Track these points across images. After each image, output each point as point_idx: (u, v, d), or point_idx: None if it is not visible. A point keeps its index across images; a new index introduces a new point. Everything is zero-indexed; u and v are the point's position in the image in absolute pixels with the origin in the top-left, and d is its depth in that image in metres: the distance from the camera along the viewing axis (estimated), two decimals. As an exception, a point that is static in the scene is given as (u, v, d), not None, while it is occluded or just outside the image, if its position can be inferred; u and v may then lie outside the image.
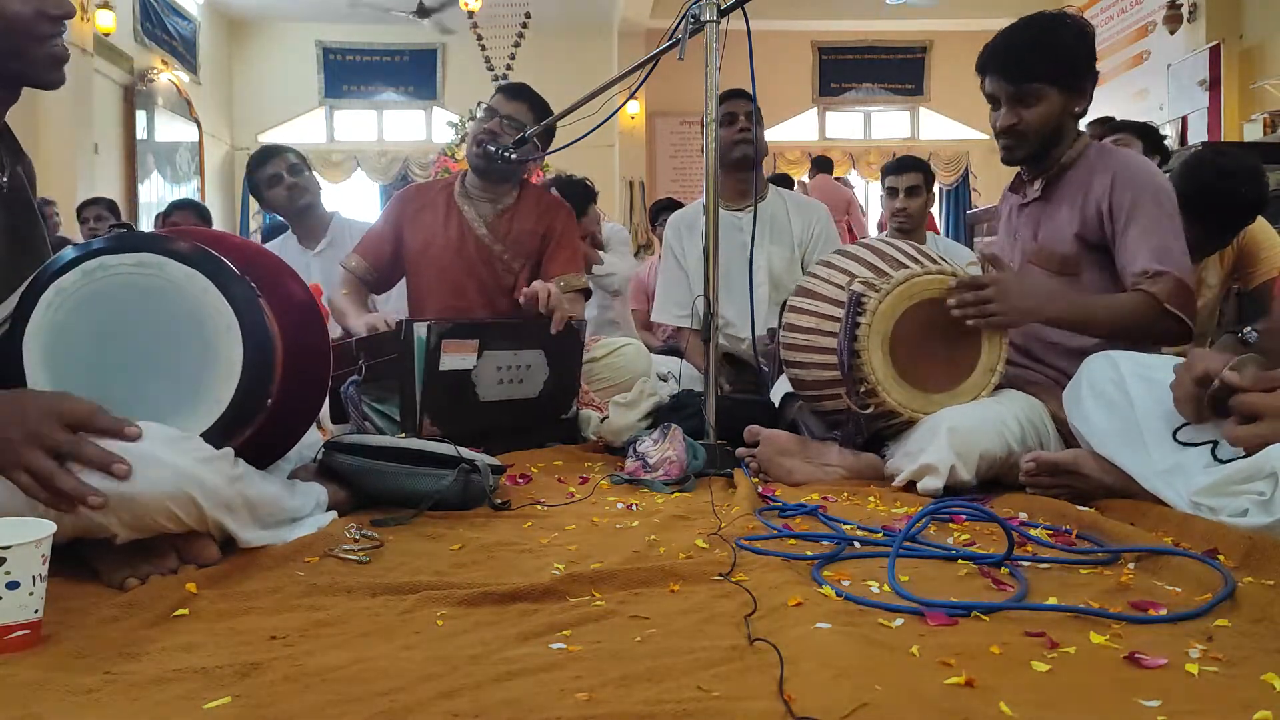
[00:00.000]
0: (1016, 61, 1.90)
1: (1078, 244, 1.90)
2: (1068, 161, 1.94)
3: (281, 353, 1.29)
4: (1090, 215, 1.87)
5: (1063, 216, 1.93)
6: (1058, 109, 1.89)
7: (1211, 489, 1.31)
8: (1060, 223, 1.93)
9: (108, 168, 7.88)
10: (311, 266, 3.12)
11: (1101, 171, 1.88)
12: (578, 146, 2.47)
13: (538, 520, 1.53)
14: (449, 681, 0.81)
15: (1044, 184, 1.98)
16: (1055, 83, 1.88)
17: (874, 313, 1.79)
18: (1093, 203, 1.87)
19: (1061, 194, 1.94)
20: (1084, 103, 1.92)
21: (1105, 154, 1.93)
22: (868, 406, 1.82)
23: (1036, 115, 1.90)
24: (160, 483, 1.09)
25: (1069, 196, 1.92)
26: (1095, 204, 1.86)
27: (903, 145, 10.56)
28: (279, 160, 3.14)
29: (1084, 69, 1.91)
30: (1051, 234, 1.95)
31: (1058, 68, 1.88)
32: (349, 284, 2.60)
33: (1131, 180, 1.84)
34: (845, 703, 0.73)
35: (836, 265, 1.95)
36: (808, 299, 1.95)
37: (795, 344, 1.95)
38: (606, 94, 2.36)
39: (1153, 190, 1.83)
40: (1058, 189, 1.96)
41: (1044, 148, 1.94)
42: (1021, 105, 1.90)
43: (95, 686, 0.81)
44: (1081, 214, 1.89)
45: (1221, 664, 0.84)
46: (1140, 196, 1.82)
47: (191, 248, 1.25)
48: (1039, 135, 1.91)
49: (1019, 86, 1.89)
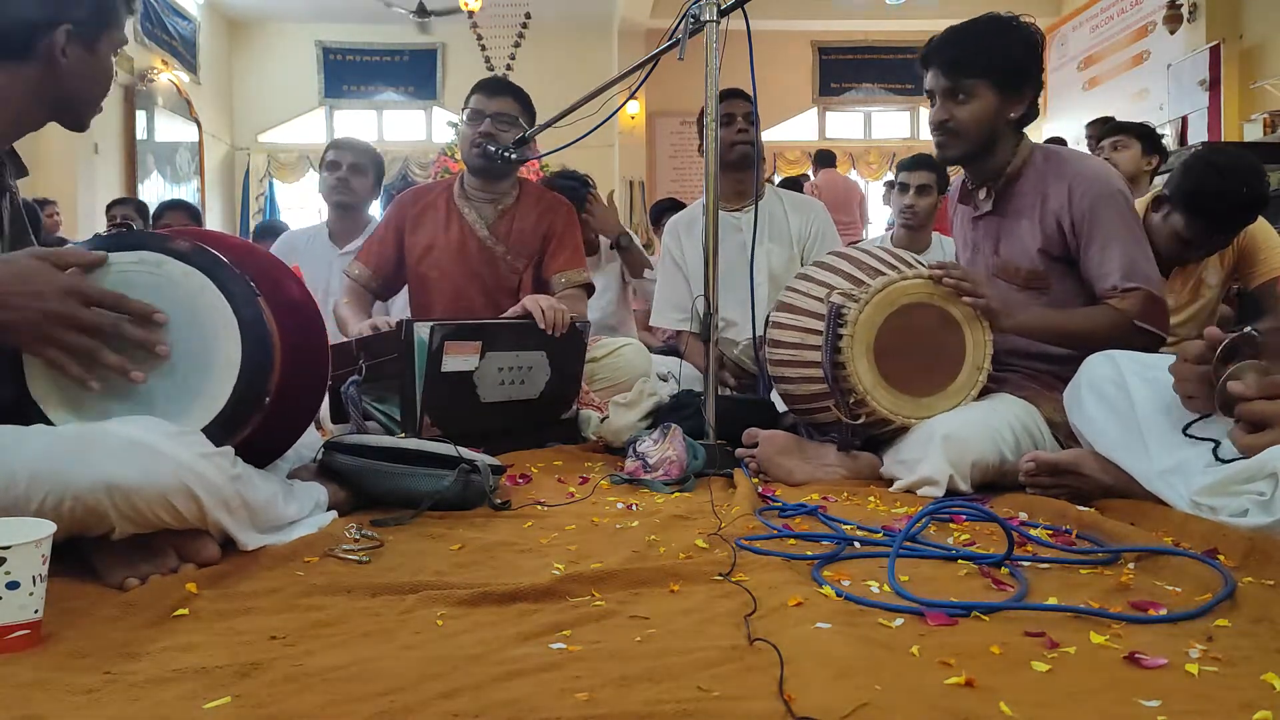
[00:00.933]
0: (954, 56, 1.90)
1: (1043, 259, 1.90)
2: (1013, 171, 1.93)
3: (280, 351, 1.29)
4: (1051, 229, 1.87)
5: (1023, 231, 1.91)
6: (991, 109, 1.88)
7: (1212, 489, 1.31)
8: (1021, 237, 1.92)
9: (108, 168, 7.88)
10: (335, 265, 3.11)
11: (1056, 180, 1.87)
12: (578, 147, 2.47)
13: (538, 520, 1.53)
14: (449, 681, 0.81)
15: (993, 195, 1.96)
16: (991, 81, 1.86)
17: (855, 323, 1.79)
18: (1051, 215, 1.86)
19: (1017, 206, 1.93)
20: (1020, 108, 1.90)
21: (1055, 160, 1.91)
22: (859, 416, 1.82)
23: (968, 113, 1.88)
24: (159, 474, 1.09)
25: (1025, 209, 1.91)
26: (1054, 217, 1.86)
27: (903, 145, 10.56)
28: (346, 152, 3.16)
29: (1023, 73, 1.89)
30: (1014, 249, 1.94)
31: (994, 67, 1.87)
32: (352, 292, 2.59)
33: (1089, 189, 1.83)
34: (845, 703, 0.73)
35: (814, 278, 1.94)
36: (789, 314, 1.95)
37: (781, 359, 1.95)
38: (606, 94, 2.36)
39: (1109, 199, 1.82)
40: (1010, 200, 1.94)
41: (977, 149, 1.92)
42: (954, 101, 1.89)
43: (95, 686, 0.81)
44: (1042, 228, 1.88)
45: (1221, 664, 0.84)
46: (1099, 206, 1.82)
47: (190, 246, 1.25)
48: (970, 134, 1.90)
49: (954, 81, 1.89)
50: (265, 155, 10.72)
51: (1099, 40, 9.30)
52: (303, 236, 3.33)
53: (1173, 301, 2.61)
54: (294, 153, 10.78)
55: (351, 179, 3.14)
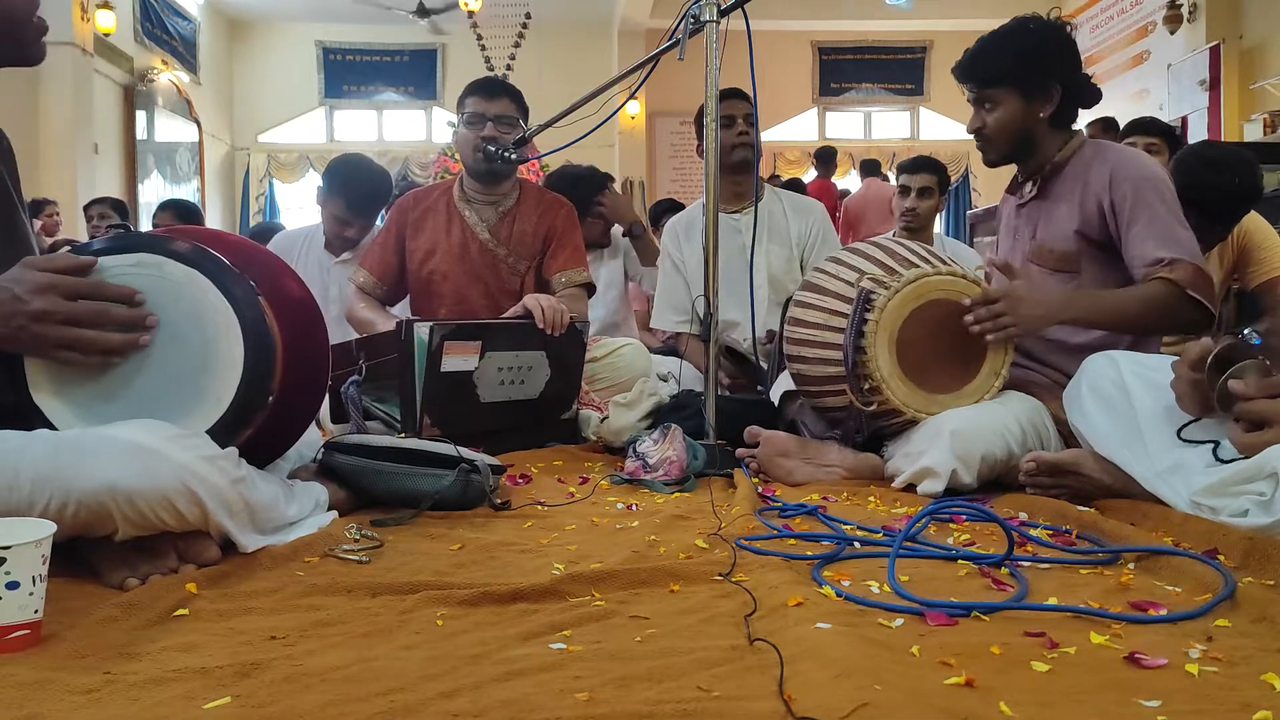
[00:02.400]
0: (977, 67, 1.96)
1: (1078, 240, 1.90)
2: (1061, 160, 1.95)
3: (281, 351, 1.29)
4: (1091, 211, 1.87)
5: (1062, 213, 1.93)
6: (1019, 113, 1.93)
7: (1212, 489, 1.31)
8: (1059, 219, 1.93)
9: (108, 168, 7.88)
10: (332, 273, 3.05)
11: (1099, 166, 1.88)
12: (577, 147, 2.47)
13: (538, 520, 1.52)
14: (449, 681, 0.81)
15: (1038, 183, 1.99)
16: (1014, 87, 1.92)
17: (882, 310, 1.79)
18: (1092, 198, 1.87)
19: (1059, 191, 1.95)
20: (1049, 106, 1.92)
21: (1101, 149, 1.94)
22: (871, 404, 1.82)
23: (996, 119, 1.95)
24: (162, 477, 1.09)
25: (1067, 193, 1.93)
26: (1095, 199, 1.87)
27: (903, 145, 10.57)
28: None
29: (1046, 72, 1.92)
30: (1051, 231, 1.95)
31: (1015, 72, 1.92)
32: (362, 298, 2.59)
33: (1130, 174, 1.84)
34: (845, 703, 0.73)
35: (846, 262, 1.94)
36: (815, 294, 1.95)
37: (800, 339, 1.94)
38: (606, 94, 2.36)
39: (1153, 182, 1.84)
40: (1054, 186, 1.96)
41: (1013, 151, 1.97)
42: (984, 110, 1.96)
43: (95, 686, 0.81)
44: (1081, 210, 1.89)
45: (1221, 664, 0.84)
46: (1141, 189, 1.82)
47: (190, 248, 1.25)
48: (1002, 138, 1.96)
49: (980, 91, 1.96)
50: (265, 155, 10.73)
51: (1099, 40, 9.31)
52: (298, 240, 3.20)
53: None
54: (294, 153, 10.79)
55: (358, 234, 3.02)
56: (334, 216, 2.99)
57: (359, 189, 2.94)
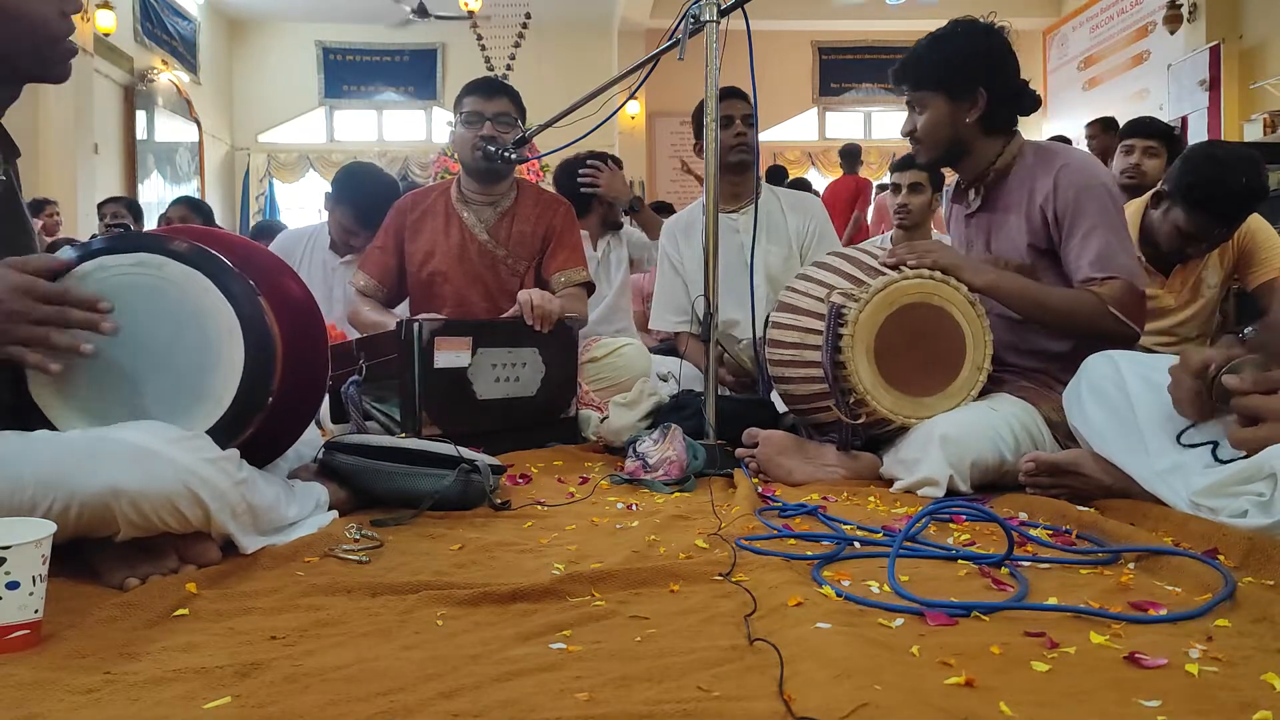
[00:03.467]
0: (907, 70, 1.99)
1: (1031, 253, 1.91)
2: (1002, 167, 1.95)
3: (281, 351, 1.29)
4: (1037, 222, 1.88)
5: (1012, 226, 1.94)
6: (945, 116, 1.94)
7: (1211, 490, 1.31)
8: (1011, 232, 1.94)
9: (108, 168, 7.89)
10: (337, 273, 3.06)
11: (1043, 174, 1.88)
12: (577, 147, 2.47)
13: (538, 520, 1.53)
14: (449, 681, 0.81)
15: (982, 192, 1.99)
16: (938, 90, 1.94)
17: (855, 323, 1.79)
18: (1037, 208, 1.88)
19: (1006, 202, 1.95)
20: (975, 111, 1.92)
21: (1044, 154, 1.93)
22: (859, 416, 1.82)
23: (924, 122, 1.97)
24: (166, 479, 1.09)
25: (1014, 204, 1.93)
26: (1040, 209, 1.87)
27: (903, 145, 10.51)
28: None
29: (970, 74, 1.91)
30: (1004, 244, 1.96)
31: (938, 74, 1.93)
32: (365, 300, 2.59)
33: (1073, 181, 1.84)
34: (845, 703, 0.73)
35: (814, 278, 1.95)
36: (789, 314, 1.95)
37: (781, 359, 1.95)
38: (606, 94, 2.35)
39: (1094, 191, 1.83)
40: (1000, 196, 1.97)
41: (944, 154, 1.99)
42: (915, 112, 1.99)
43: (95, 686, 0.81)
44: (1028, 222, 1.90)
45: (1221, 664, 0.84)
46: (1082, 197, 1.82)
47: (190, 247, 1.25)
48: (930, 141, 1.98)
49: (910, 94, 1.99)
50: (265, 155, 10.73)
51: (1099, 40, 9.31)
52: (302, 239, 3.19)
53: (1173, 301, 2.61)
54: (294, 153, 10.79)
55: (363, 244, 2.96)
56: (340, 224, 2.99)
57: (367, 199, 2.92)
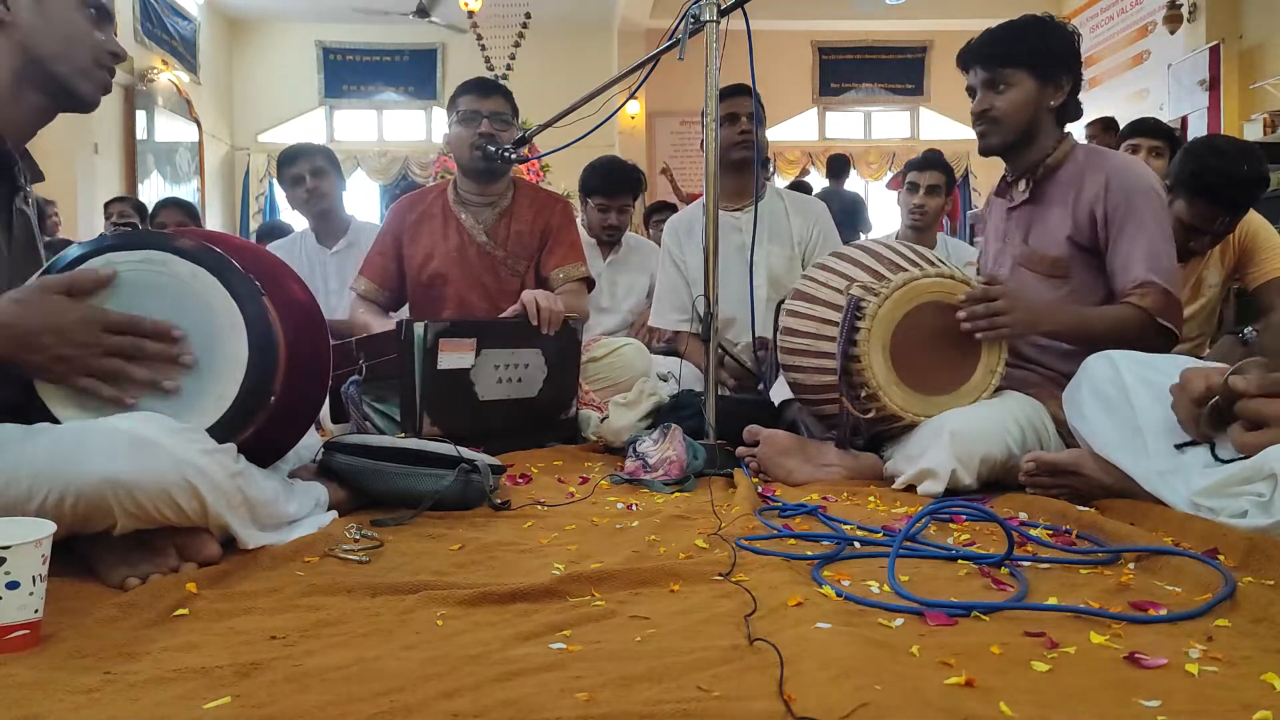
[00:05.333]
0: (993, 49, 1.95)
1: (1070, 246, 1.90)
2: (1054, 163, 1.95)
3: (284, 351, 1.29)
4: (1083, 218, 1.88)
5: (1054, 218, 1.93)
6: (1032, 97, 1.92)
7: (1211, 490, 1.31)
8: (1052, 225, 1.93)
9: (108, 168, 7.88)
10: (329, 265, 3.12)
11: (1094, 173, 1.88)
12: (577, 147, 2.47)
13: (538, 520, 1.53)
14: (449, 681, 0.81)
15: (1030, 186, 1.98)
16: (1029, 70, 1.91)
17: (873, 317, 1.79)
18: (1085, 205, 1.87)
19: (1051, 195, 1.95)
20: (1060, 96, 1.93)
21: (1095, 155, 1.94)
22: (869, 411, 1.81)
23: (1008, 101, 1.93)
24: (161, 470, 1.09)
25: (1060, 198, 1.93)
26: (1088, 206, 1.87)
27: (903, 145, 10.55)
28: (304, 162, 3.12)
29: (1061, 63, 1.93)
30: (1042, 236, 1.95)
31: (1032, 55, 1.92)
32: (364, 305, 2.59)
33: (1125, 183, 1.84)
34: (845, 703, 0.73)
35: (834, 269, 1.94)
36: (805, 303, 1.94)
37: (794, 348, 1.94)
38: (606, 94, 2.36)
39: (1146, 196, 1.84)
40: (1046, 190, 1.96)
41: (1017, 137, 1.95)
42: (994, 91, 1.94)
43: (95, 686, 0.81)
44: (1074, 217, 1.89)
45: (1221, 664, 0.84)
46: (1134, 199, 1.83)
47: (196, 245, 1.26)
48: (1010, 121, 1.94)
49: (993, 72, 1.94)
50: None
51: (1099, 40, 9.30)
52: (288, 247, 3.28)
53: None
54: (294, 153, 10.75)
55: (320, 184, 3.12)
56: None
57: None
